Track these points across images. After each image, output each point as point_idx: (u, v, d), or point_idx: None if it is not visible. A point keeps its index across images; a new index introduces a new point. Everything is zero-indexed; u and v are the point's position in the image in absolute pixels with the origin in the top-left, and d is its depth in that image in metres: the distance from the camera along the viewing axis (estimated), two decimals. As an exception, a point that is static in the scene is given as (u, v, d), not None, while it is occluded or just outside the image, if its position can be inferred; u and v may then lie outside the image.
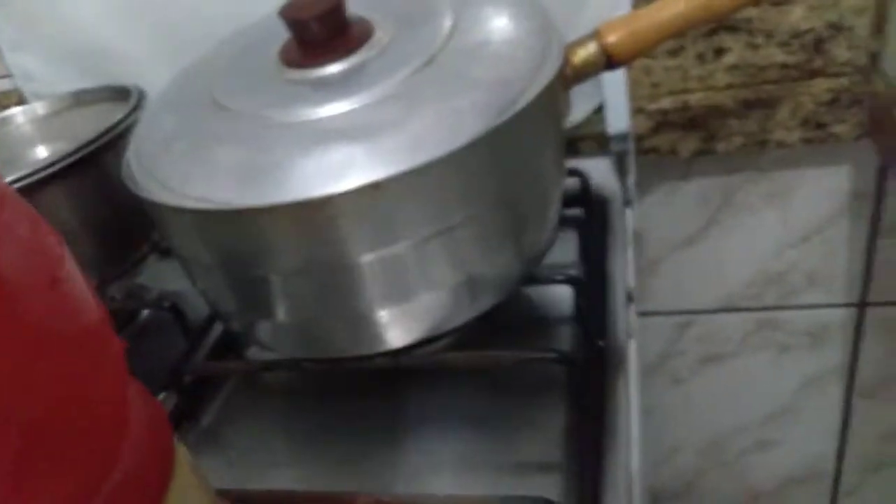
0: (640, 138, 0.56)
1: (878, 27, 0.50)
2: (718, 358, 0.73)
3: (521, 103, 0.32)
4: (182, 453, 0.20)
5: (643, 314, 0.71)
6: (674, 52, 0.53)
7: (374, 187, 0.29)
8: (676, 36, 0.38)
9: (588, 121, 0.54)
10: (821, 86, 0.53)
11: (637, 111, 0.54)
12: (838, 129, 0.54)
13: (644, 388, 0.76)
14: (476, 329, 0.37)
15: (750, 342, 0.71)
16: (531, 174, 0.35)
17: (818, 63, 0.52)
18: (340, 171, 0.30)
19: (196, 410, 0.40)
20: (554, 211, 0.38)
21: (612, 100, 0.53)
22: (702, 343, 0.72)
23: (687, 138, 0.56)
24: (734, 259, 0.66)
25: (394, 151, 0.30)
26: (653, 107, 0.55)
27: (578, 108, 0.53)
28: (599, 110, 0.54)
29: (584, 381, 0.35)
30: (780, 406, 0.75)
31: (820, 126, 0.54)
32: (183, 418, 0.39)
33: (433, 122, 0.31)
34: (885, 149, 0.51)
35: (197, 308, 0.45)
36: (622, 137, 0.53)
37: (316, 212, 0.30)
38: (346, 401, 0.38)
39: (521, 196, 0.34)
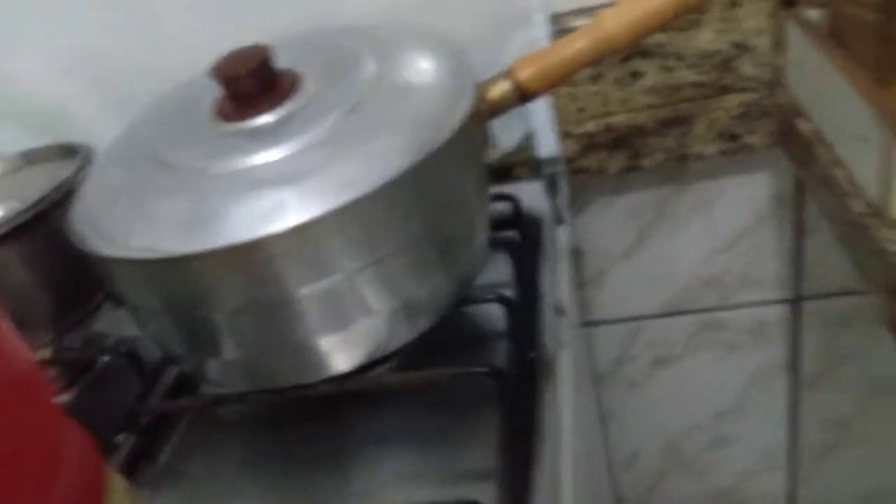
0: (569, 160, 0.59)
1: (778, 45, 0.54)
2: (668, 361, 0.76)
3: (438, 141, 0.35)
4: (116, 482, 0.22)
5: (594, 324, 0.75)
6: (594, 79, 0.57)
7: (303, 227, 0.32)
8: (582, 68, 0.42)
9: (520, 148, 0.57)
10: (732, 101, 0.57)
11: (565, 135, 0.58)
12: (751, 139, 0.58)
13: (601, 396, 0.80)
14: (417, 351, 0.40)
15: (695, 343, 0.74)
16: (454, 204, 0.37)
17: (728, 80, 0.56)
18: (273, 214, 0.33)
19: (153, 449, 0.42)
20: (481, 236, 0.41)
21: (540, 127, 0.56)
22: (651, 347, 0.75)
23: (613, 157, 0.59)
24: (670, 267, 0.69)
25: (321, 193, 0.33)
26: (579, 130, 0.58)
27: (509, 137, 0.56)
28: (530, 138, 0.57)
29: (516, 392, 0.37)
30: (730, 403, 0.79)
31: (734, 138, 0.58)
32: (140, 458, 0.41)
33: (358, 164, 0.34)
34: (793, 156, 0.55)
35: (153, 352, 0.47)
36: (552, 161, 0.57)
37: (251, 253, 0.32)
38: (296, 428, 0.41)
39: (447, 225, 0.37)
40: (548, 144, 0.56)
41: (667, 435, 0.82)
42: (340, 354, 0.36)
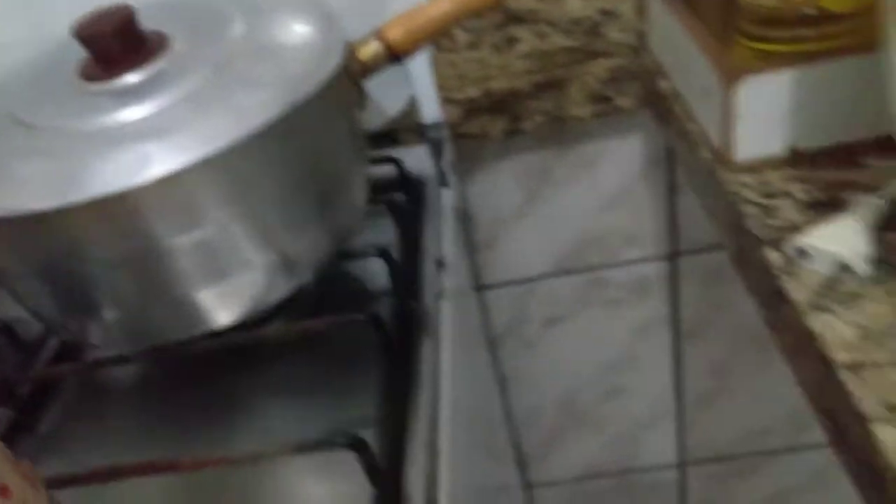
0: (453, 126, 0.61)
1: (640, 11, 0.58)
2: (559, 319, 0.80)
3: (305, 95, 0.36)
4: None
5: (489, 287, 0.77)
6: (473, 46, 0.59)
7: (168, 179, 0.32)
8: (449, 28, 0.43)
9: (404, 114, 0.59)
10: (601, 65, 0.60)
11: (447, 101, 0.60)
12: (621, 101, 0.62)
13: (499, 357, 0.83)
14: (303, 309, 0.41)
15: (583, 301, 0.78)
16: (326, 158, 0.39)
17: (597, 45, 0.60)
18: (138, 167, 0.33)
19: (33, 421, 0.41)
20: (358, 192, 0.42)
21: (423, 93, 0.58)
22: (543, 307, 0.79)
23: (495, 121, 0.62)
24: (558, 227, 0.73)
25: (187, 146, 0.33)
26: (460, 96, 0.60)
27: (393, 104, 0.58)
28: (413, 104, 0.59)
29: (395, 342, 0.39)
30: (618, 357, 0.83)
31: (606, 100, 0.62)
32: (21, 429, 0.40)
33: (224, 118, 0.35)
34: (657, 115, 0.59)
35: (35, 328, 0.46)
36: (436, 126, 0.58)
37: (118, 205, 0.32)
38: (181, 389, 0.41)
39: (320, 179, 0.38)
40: (431, 110, 0.58)
41: (563, 391, 0.86)
42: (221, 308, 0.37)
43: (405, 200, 0.52)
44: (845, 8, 0.40)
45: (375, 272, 0.47)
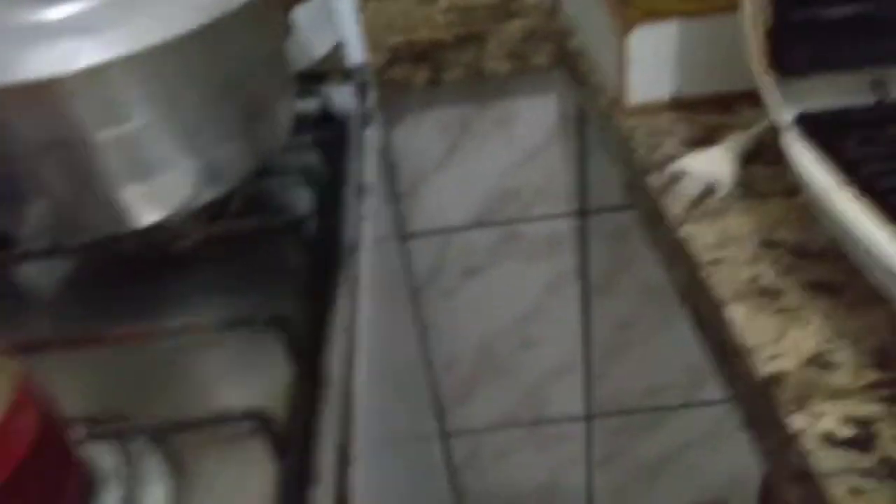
0: (378, 72, 0.64)
1: (555, -26, 0.63)
2: (476, 270, 0.84)
3: (232, 6, 0.38)
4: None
5: (410, 236, 0.81)
6: (399, -4, 0.62)
7: (97, 69, 0.34)
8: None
9: (330, 57, 0.61)
10: (517, 25, 0.65)
11: (373, 47, 0.63)
12: (537, 59, 0.66)
13: (420, 306, 0.86)
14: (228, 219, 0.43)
15: (499, 253, 0.83)
16: (250, 73, 0.41)
17: (514, 6, 0.64)
18: (68, 58, 0.35)
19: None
20: (284, 112, 0.45)
21: (350, 37, 0.61)
22: (461, 258, 0.83)
23: (418, 70, 0.65)
24: (477, 180, 0.77)
25: (116, 42, 0.35)
26: (385, 43, 0.63)
27: (320, 46, 0.60)
28: (340, 47, 0.61)
29: (316, 247, 0.42)
30: (531, 309, 0.89)
31: (521, 58, 0.66)
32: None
33: (153, 20, 0.37)
34: (567, 72, 0.64)
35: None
36: (361, 69, 0.61)
37: (48, 91, 0.34)
38: (104, 290, 0.43)
39: (244, 92, 0.41)
40: (356, 54, 0.61)
41: (480, 340, 0.91)
42: (145, 206, 0.39)
43: (329, 134, 0.54)
44: (725, -30, 0.45)
45: (298, 197, 0.50)
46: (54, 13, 0.36)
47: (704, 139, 0.45)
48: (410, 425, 0.65)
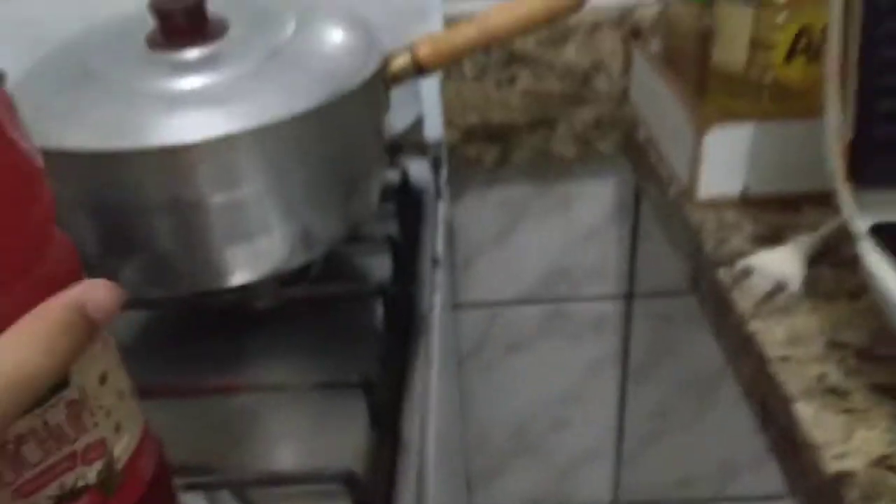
0: (452, 147, 0.68)
1: (627, 67, 0.66)
2: (519, 346, 0.85)
3: (347, 89, 0.42)
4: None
5: (459, 306, 0.83)
6: (478, 78, 0.66)
7: (226, 139, 0.37)
8: (471, 52, 0.50)
9: (410, 130, 0.65)
10: (587, 111, 0.68)
11: (449, 124, 0.66)
12: (602, 146, 0.69)
13: (460, 376, 0.87)
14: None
15: (543, 331, 0.84)
16: (354, 149, 0.44)
17: (586, 93, 0.67)
18: (200, 127, 0.38)
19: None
20: (375, 185, 0.48)
21: (429, 113, 0.64)
22: (506, 332, 0.84)
23: (488, 149, 0.69)
24: (530, 257, 0.79)
25: (244, 115, 0.39)
26: (461, 121, 0.67)
27: (401, 119, 0.64)
28: (419, 122, 0.65)
29: (399, 311, 0.44)
30: (569, 389, 0.89)
31: (588, 143, 0.69)
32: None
33: (275, 96, 0.40)
34: (632, 160, 0.67)
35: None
36: (437, 144, 0.65)
37: (178, 156, 0.37)
38: (193, 343, 0.45)
39: (346, 167, 0.44)
40: (434, 129, 0.65)
41: (514, 418, 0.91)
42: (242, 266, 0.41)
43: (407, 203, 0.57)
44: (796, 83, 0.48)
45: (375, 264, 0.52)
46: (187, 83, 0.40)
47: (771, 237, 0.47)
48: (455, 495, 0.65)
